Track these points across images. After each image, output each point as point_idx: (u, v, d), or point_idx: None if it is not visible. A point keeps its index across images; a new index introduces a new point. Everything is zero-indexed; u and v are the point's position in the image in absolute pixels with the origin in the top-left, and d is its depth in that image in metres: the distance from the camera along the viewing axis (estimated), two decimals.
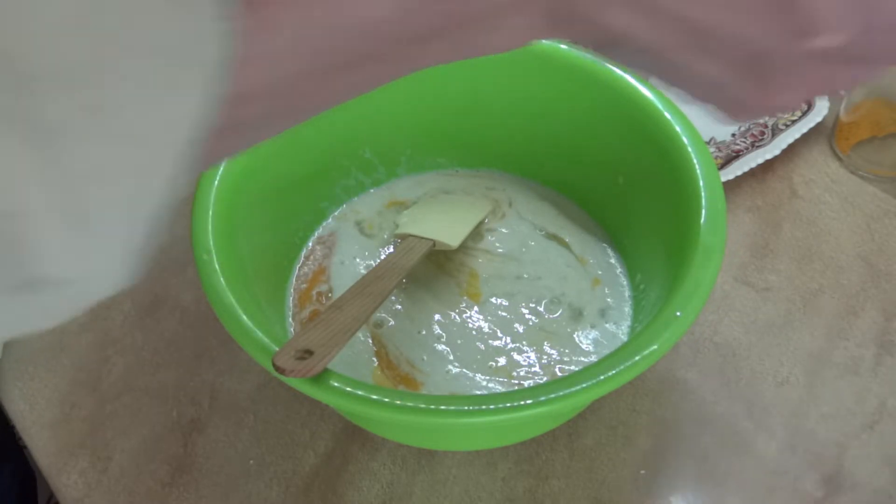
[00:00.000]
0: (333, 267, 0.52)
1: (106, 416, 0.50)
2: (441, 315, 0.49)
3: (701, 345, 0.51)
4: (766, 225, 0.58)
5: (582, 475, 0.46)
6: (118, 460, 0.48)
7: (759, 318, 0.53)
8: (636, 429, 0.48)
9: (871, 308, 0.53)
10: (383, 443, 0.48)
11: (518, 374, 0.46)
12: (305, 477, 0.47)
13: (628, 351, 0.37)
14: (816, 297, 0.54)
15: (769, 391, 0.49)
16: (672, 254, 0.43)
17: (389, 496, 0.46)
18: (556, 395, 0.35)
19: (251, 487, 0.46)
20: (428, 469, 0.47)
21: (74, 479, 0.47)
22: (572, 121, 0.51)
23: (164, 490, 0.47)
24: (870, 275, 0.55)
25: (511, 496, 0.46)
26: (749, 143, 0.60)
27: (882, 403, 0.49)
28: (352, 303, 0.40)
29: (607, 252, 0.52)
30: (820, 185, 0.60)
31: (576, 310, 0.49)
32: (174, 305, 0.55)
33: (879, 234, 0.57)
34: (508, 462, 0.47)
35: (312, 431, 0.48)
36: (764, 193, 0.59)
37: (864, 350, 0.51)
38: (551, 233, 0.53)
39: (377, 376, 0.47)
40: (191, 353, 0.52)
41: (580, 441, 0.47)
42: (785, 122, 0.61)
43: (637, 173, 0.49)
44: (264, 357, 0.36)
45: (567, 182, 0.55)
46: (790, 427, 0.48)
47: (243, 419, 0.49)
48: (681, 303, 0.38)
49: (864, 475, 0.46)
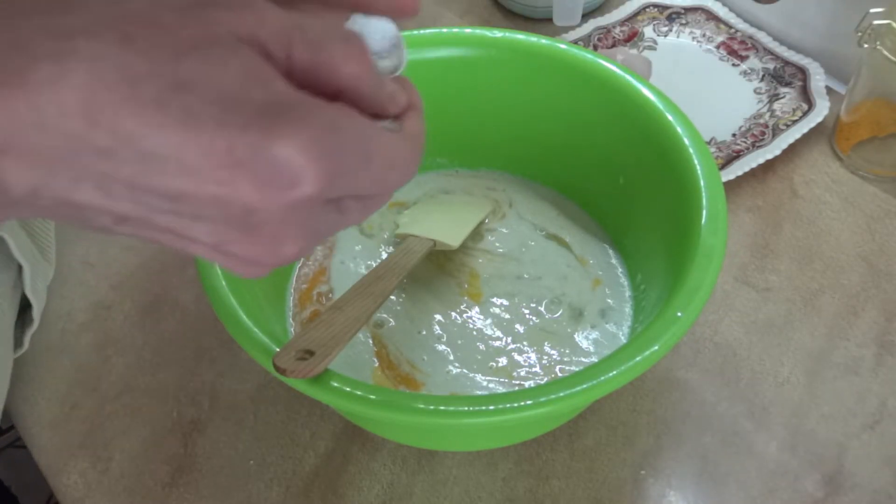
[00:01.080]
0: (334, 267, 0.52)
1: (106, 416, 0.50)
2: (441, 315, 0.49)
3: (701, 345, 0.51)
4: (766, 225, 0.58)
5: (582, 475, 0.46)
6: (118, 460, 0.48)
7: (760, 318, 0.53)
8: (636, 429, 0.48)
9: (871, 308, 0.53)
10: (383, 443, 0.48)
11: (518, 375, 0.46)
12: (306, 477, 0.47)
13: (629, 351, 0.37)
14: (817, 297, 0.54)
15: (770, 391, 0.49)
16: (673, 254, 0.43)
17: (390, 496, 0.46)
18: (557, 395, 0.35)
19: (251, 488, 0.46)
20: (428, 469, 0.47)
21: (74, 480, 0.47)
22: (573, 121, 0.51)
23: (164, 490, 0.47)
24: (870, 275, 0.55)
25: (511, 496, 0.46)
26: (749, 144, 0.60)
27: (882, 403, 0.49)
28: (352, 303, 0.40)
29: (608, 252, 0.52)
30: (820, 185, 0.60)
31: (576, 310, 0.49)
32: (174, 305, 0.55)
33: (880, 234, 0.57)
34: (509, 462, 0.47)
35: (313, 432, 0.48)
36: (764, 193, 0.59)
37: (864, 350, 0.51)
38: (552, 233, 0.53)
39: (377, 376, 0.47)
40: (191, 353, 0.52)
41: (580, 441, 0.47)
42: (785, 123, 0.61)
43: (638, 173, 0.49)
44: (265, 357, 0.36)
45: (567, 182, 0.55)
46: (790, 427, 0.48)
47: (243, 419, 0.49)
48: (681, 303, 0.38)
49: (865, 475, 0.46)
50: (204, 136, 0.21)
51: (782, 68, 0.65)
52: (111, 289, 0.56)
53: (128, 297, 0.55)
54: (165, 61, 0.21)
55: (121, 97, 0.21)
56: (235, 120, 0.22)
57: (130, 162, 0.22)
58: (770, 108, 0.62)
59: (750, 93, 0.65)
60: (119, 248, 0.58)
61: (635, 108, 0.47)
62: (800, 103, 0.62)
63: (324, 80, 0.24)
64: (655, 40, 0.69)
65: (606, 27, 0.70)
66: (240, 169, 0.22)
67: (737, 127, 0.62)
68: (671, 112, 0.46)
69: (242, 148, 0.22)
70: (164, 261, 0.57)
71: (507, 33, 0.50)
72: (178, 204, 0.23)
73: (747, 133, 0.61)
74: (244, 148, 0.22)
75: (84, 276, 0.56)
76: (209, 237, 0.24)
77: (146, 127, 0.21)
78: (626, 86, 0.47)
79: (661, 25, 0.70)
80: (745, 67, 0.66)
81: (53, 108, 0.21)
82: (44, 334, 0.53)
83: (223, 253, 0.25)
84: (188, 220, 0.23)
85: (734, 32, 0.69)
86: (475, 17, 0.74)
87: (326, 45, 0.24)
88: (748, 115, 0.63)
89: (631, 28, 0.70)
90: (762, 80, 0.65)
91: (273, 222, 0.23)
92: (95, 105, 0.21)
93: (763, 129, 0.61)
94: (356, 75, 0.25)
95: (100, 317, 0.54)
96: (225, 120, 0.21)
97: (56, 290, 0.55)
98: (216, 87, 0.22)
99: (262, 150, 0.22)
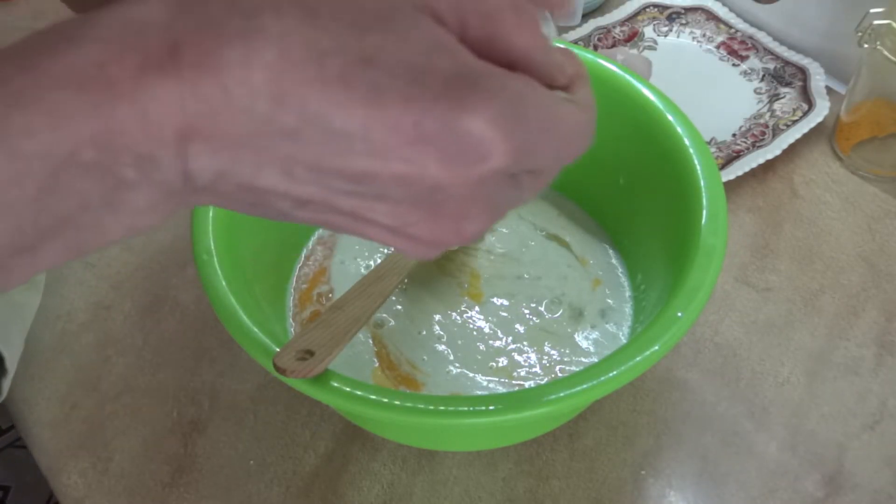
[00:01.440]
0: (334, 267, 0.52)
1: (106, 416, 0.50)
2: (441, 315, 0.49)
3: (701, 345, 0.51)
4: (766, 225, 0.57)
5: (582, 475, 0.46)
6: (118, 460, 0.48)
7: (760, 318, 0.53)
8: (636, 429, 0.48)
9: (871, 308, 0.53)
10: (384, 443, 0.48)
11: (519, 375, 0.46)
12: (306, 477, 0.47)
13: (629, 352, 0.37)
14: (817, 297, 0.54)
15: (770, 391, 0.49)
16: (673, 254, 0.43)
17: (390, 496, 0.46)
18: (557, 395, 0.35)
19: (251, 488, 0.46)
20: (428, 469, 0.47)
21: (74, 480, 0.47)
22: None
23: (164, 490, 0.46)
24: (870, 275, 0.55)
25: (511, 496, 0.46)
26: (750, 144, 0.60)
27: (882, 403, 0.49)
28: (353, 303, 0.40)
29: (608, 252, 0.52)
30: (820, 185, 0.60)
31: (576, 310, 0.49)
32: (174, 305, 0.54)
33: (880, 234, 0.57)
34: (509, 462, 0.47)
35: (313, 432, 0.48)
36: (765, 194, 0.59)
37: (864, 350, 0.51)
38: (552, 233, 0.53)
39: (378, 377, 0.47)
40: (191, 353, 0.52)
41: (581, 441, 0.47)
42: (786, 123, 0.61)
43: (638, 173, 0.49)
44: (265, 357, 0.36)
45: (567, 182, 0.54)
46: (791, 427, 0.48)
47: (243, 419, 0.49)
48: (682, 303, 0.38)
49: (865, 475, 0.46)
50: (391, 112, 0.21)
51: (782, 68, 0.65)
52: (111, 289, 0.56)
53: (128, 297, 0.55)
54: (350, 35, 0.21)
55: (308, 76, 0.20)
56: (423, 93, 0.21)
57: (315, 143, 0.21)
58: (770, 108, 0.62)
59: (750, 93, 0.65)
60: (119, 248, 0.58)
61: (635, 108, 0.47)
62: (800, 103, 0.62)
63: (497, 51, 0.23)
64: (655, 40, 0.69)
65: (606, 27, 0.70)
66: (428, 144, 0.21)
67: (737, 127, 0.62)
68: (671, 112, 0.46)
69: (431, 123, 0.21)
70: (164, 261, 0.57)
71: None
72: (362, 185, 0.22)
73: (747, 133, 0.61)
74: (433, 122, 0.21)
75: (84, 276, 0.56)
76: (391, 219, 0.23)
77: (332, 106, 0.20)
78: (627, 86, 0.47)
79: (661, 25, 0.70)
80: (746, 67, 0.66)
81: (243, 89, 0.20)
82: (44, 334, 0.53)
83: (403, 235, 0.24)
84: (371, 200, 0.23)
85: (734, 32, 0.69)
86: None
87: (499, 15, 0.23)
88: (748, 115, 0.63)
89: (631, 28, 0.70)
90: (762, 80, 0.65)
91: (459, 199, 0.23)
92: (284, 84, 0.20)
93: (763, 129, 0.61)
94: (530, 46, 0.24)
95: (100, 317, 0.54)
96: (412, 94, 0.21)
97: (56, 290, 0.55)
98: (401, 60, 0.21)
99: (452, 123, 0.21)
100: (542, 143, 0.24)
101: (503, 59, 0.23)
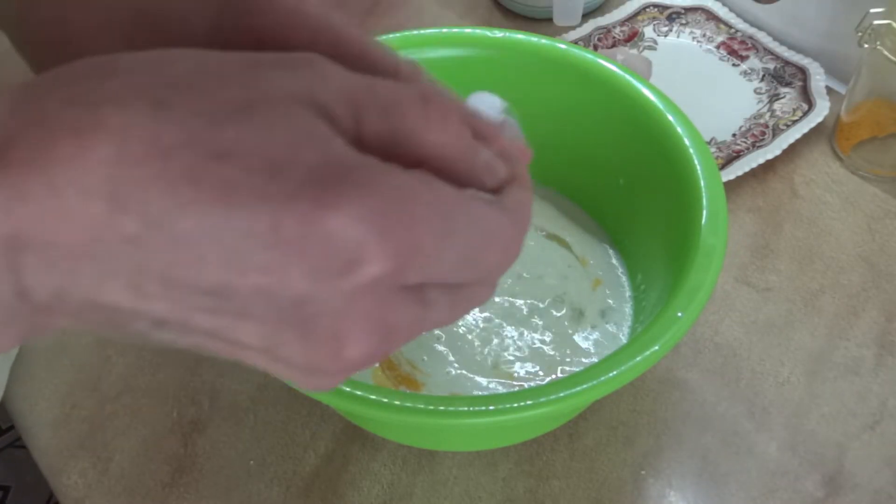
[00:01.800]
0: None
1: (106, 416, 0.50)
2: None
3: (702, 345, 0.51)
4: (766, 225, 0.57)
5: (582, 475, 0.46)
6: (118, 460, 0.48)
7: (760, 318, 0.53)
8: (636, 429, 0.48)
9: (871, 308, 0.53)
10: (384, 443, 0.48)
11: (519, 375, 0.46)
12: (306, 477, 0.47)
13: (629, 352, 0.37)
14: (817, 297, 0.54)
15: (770, 391, 0.49)
16: (673, 254, 0.43)
17: (390, 496, 0.46)
18: (557, 395, 0.35)
19: (251, 488, 0.46)
20: (428, 469, 0.47)
21: (74, 480, 0.47)
22: (573, 121, 0.51)
23: (164, 490, 0.46)
24: (870, 275, 0.55)
25: (511, 496, 0.46)
26: (750, 144, 0.60)
27: (883, 403, 0.49)
28: None
29: (608, 253, 0.52)
30: (821, 185, 0.60)
31: (576, 310, 0.49)
32: None
33: (880, 234, 0.57)
34: (509, 462, 0.47)
35: (313, 432, 0.48)
36: (765, 194, 0.59)
37: (864, 350, 0.51)
38: (552, 233, 0.53)
39: (378, 377, 0.47)
40: (191, 353, 0.52)
41: (580, 441, 0.47)
42: (786, 123, 0.61)
43: (638, 174, 0.49)
44: None
45: (567, 182, 0.55)
46: (791, 427, 0.48)
47: (244, 419, 0.49)
48: (682, 303, 0.38)
49: (865, 475, 0.46)
50: (243, 212, 0.18)
51: (782, 68, 0.65)
52: None
53: None
54: (204, 128, 0.18)
55: (150, 173, 0.18)
56: (281, 189, 0.18)
57: (162, 251, 0.18)
58: (770, 108, 0.62)
59: (750, 93, 0.65)
60: None
61: (635, 107, 0.47)
62: (800, 103, 0.62)
63: (403, 150, 0.21)
64: (655, 40, 0.69)
65: (606, 27, 0.70)
66: (288, 249, 0.18)
67: (737, 127, 0.62)
68: (671, 112, 0.46)
69: (290, 223, 0.18)
70: None
71: (507, 34, 0.50)
72: (219, 299, 0.19)
73: (747, 133, 0.61)
74: (292, 223, 0.18)
75: None
76: (259, 340, 0.20)
77: (177, 207, 0.18)
78: (627, 86, 0.47)
79: (661, 25, 0.70)
80: (746, 67, 0.66)
81: (75, 189, 0.18)
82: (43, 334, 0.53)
83: (277, 359, 0.21)
84: (233, 318, 0.20)
85: (734, 32, 0.69)
86: (476, 18, 0.74)
87: (401, 108, 0.21)
88: (748, 115, 0.63)
89: (631, 28, 0.70)
90: (762, 80, 0.65)
91: (333, 316, 0.20)
92: (122, 184, 0.18)
93: (763, 129, 0.61)
94: (441, 142, 0.21)
95: None
96: (268, 191, 0.18)
97: None
98: (261, 154, 0.18)
99: (314, 223, 0.18)
100: (444, 249, 0.20)
101: (411, 157, 0.21)
